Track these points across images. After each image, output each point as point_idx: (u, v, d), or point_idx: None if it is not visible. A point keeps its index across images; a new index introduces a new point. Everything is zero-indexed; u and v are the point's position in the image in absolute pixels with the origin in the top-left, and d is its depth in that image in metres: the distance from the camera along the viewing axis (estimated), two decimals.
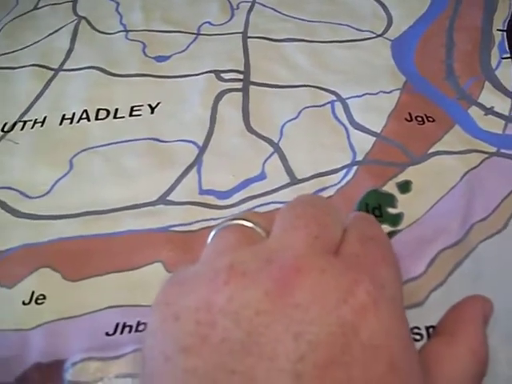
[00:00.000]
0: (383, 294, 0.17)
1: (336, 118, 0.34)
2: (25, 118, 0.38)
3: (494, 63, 0.37)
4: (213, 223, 0.29)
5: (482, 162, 0.31)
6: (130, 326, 0.25)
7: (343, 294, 0.16)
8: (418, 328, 0.24)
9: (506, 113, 0.33)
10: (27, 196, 0.33)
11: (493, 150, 0.31)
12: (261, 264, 0.17)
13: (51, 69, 0.41)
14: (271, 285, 0.17)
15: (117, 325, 0.26)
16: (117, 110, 0.37)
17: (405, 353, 0.17)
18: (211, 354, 0.16)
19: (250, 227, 0.21)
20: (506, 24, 0.41)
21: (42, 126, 0.37)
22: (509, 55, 0.37)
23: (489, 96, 0.35)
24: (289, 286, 0.17)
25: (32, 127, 0.37)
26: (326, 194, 0.30)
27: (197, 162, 0.32)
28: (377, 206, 0.29)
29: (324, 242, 0.19)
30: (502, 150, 0.31)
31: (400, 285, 0.19)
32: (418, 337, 0.23)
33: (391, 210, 0.29)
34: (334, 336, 0.16)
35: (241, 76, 0.38)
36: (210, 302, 0.17)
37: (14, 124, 0.38)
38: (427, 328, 0.24)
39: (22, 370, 0.24)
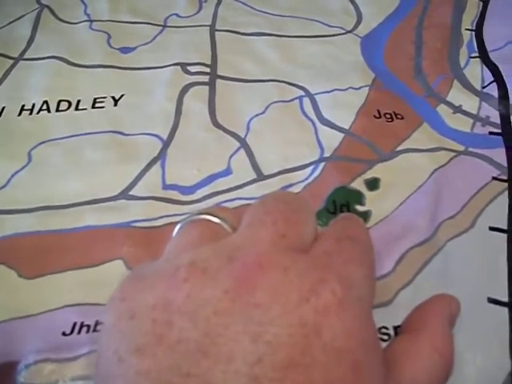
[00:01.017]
0: (350, 294, 0.17)
1: (304, 113, 0.33)
2: None
3: (462, 62, 0.37)
4: (177, 219, 0.28)
5: (450, 160, 0.30)
6: (88, 326, 0.24)
7: (306, 294, 0.16)
8: (386, 328, 0.23)
9: (474, 111, 0.33)
10: None
11: (461, 148, 0.31)
12: (222, 261, 0.17)
13: (11, 57, 0.39)
14: (231, 283, 0.16)
15: (74, 324, 0.25)
16: (79, 101, 0.36)
17: (368, 355, 0.16)
18: (166, 355, 0.15)
19: (217, 223, 0.20)
20: (475, 24, 0.41)
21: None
22: (477, 54, 0.37)
23: (457, 94, 0.35)
24: (250, 285, 0.16)
25: None
26: (293, 190, 0.29)
27: (161, 156, 0.32)
28: (344, 203, 0.28)
29: (291, 240, 0.18)
30: (470, 149, 0.31)
31: (371, 286, 0.19)
32: (385, 337, 0.23)
33: (359, 208, 0.28)
34: (295, 337, 0.15)
35: (207, 69, 0.37)
36: (167, 300, 0.16)
37: None
38: (395, 328, 0.23)
39: None
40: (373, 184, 0.29)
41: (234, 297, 0.16)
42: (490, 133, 0.32)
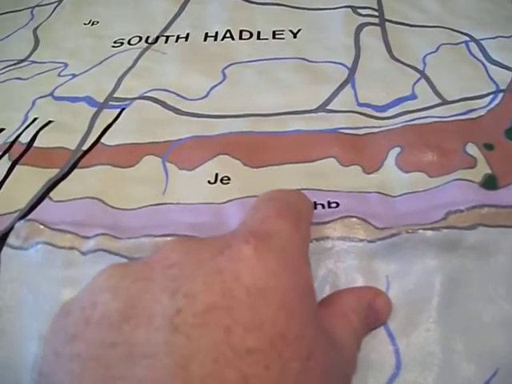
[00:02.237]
0: (269, 243, 0.17)
1: (472, 55, 0.37)
2: (166, 34, 0.40)
3: None
4: (375, 131, 0.32)
5: None
6: (322, 204, 0.28)
7: (219, 248, 0.17)
8: None
9: None
10: (184, 98, 0.35)
11: None
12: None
13: None
14: (150, 258, 0.18)
15: None
16: (259, 32, 0.40)
17: (300, 298, 0.17)
18: (93, 334, 0.16)
19: None
20: None
21: (186, 40, 0.39)
22: None
23: None
24: (166, 253, 0.17)
25: (176, 41, 0.40)
26: (476, 114, 0.32)
27: (349, 80, 0.35)
28: None
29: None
30: None
31: (298, 237, 0.19)
32: None
33: None
34: (212, 284, 0.16)
35: (376, 13, 0.40)
36: (93, 286, 0.17)
37: (157, 38, 0.40)
38: None
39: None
40: None
41: (152, 265, 0.17)
42: None
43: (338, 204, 0.27)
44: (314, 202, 0.27)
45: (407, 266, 0.24)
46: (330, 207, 0.27)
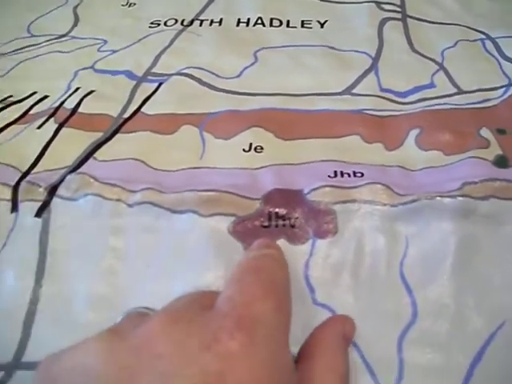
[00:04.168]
0: (254, 334, 0.17)
1: (487, 51, 0.40)
2: (201, 18, 0.43)
3: None
4: (397, 114, 0.34)
5: None
6: (348, 173, 0.30)
7: (207, 341, 0.17)
8: None
9: None
10: (219, 76, 0.38)
11: None
12: (135, 323, 0.19)
13: None
14: (138, 339, 0.17)
15: (335, 172, 0.30)
16: (288, 21, 0.42)
17: None
18: None
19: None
20: None
21: (219, 25, 0.42)
22: None
23: None
24: (154, 339, 0.17)
25: (210, 25, 0.42)
26: (490, 103, 0.35)
27: (373, 67, 0.38)
28: None
29: (204, 302, 0.20)
30: None
31: (283, 316, 0.19)
32: None
33: None
34: None
35: (398, 9, 0.43)
36: (81, 363, 0.17)
37: (192, 21, 0.43)
38: None
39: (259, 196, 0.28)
40: None
41: (139, 351, 0.17)
42: None
43: (362, 174, 0.30)
44: (341, 172, 0.30)
45: (425, 228, 0.27)
46: (355, 176, 0.30)
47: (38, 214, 0.29)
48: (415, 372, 0.24)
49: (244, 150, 0.32)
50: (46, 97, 0.37)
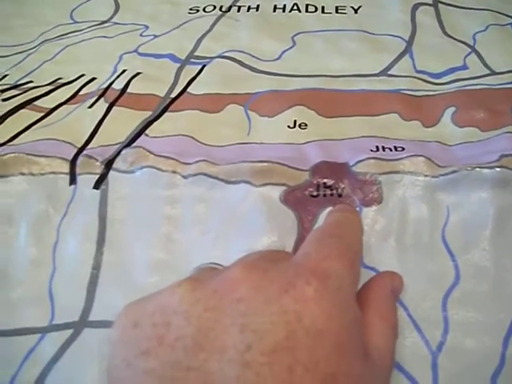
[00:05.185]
0: (327, 283, 0.18)
1: None
2: (238, 4, 0.45)
3: None
4: (432, 93, 0.36)
5: None
6: (390, 148, 0.32)
7: (285, 286, 0.18)
8: None
9: None
10: (259, 59, 0.40)
11: None
12: (213, 272, 0.20)
13: None
14: (219, 284, 0.18)
15: (377, 147, 0.32)
16: (323, 7, 0.44)
17: (350, 337, 0.18)
18: (167, 353, 0.17)
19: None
20: None
21: (256, 10, 0.44)
22: None
23: None
24: (234, 284, 0.18)
25: (248, 11, 0.44)
26: None
27: (407, 50, 0.39)
28: None
29: (275, 256, 0.21)
30: None
31: (353, 277, 0.21)
32: None
33: None
34: (278, 324, 0.17)
35: None
36: (164, 305, 0.18)
37: (230, 7, 0.44)
38: None
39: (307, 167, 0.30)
40: None
41: (220, 295, 0.18)
42: None
43: (403, 148, 0.31)
44: (382, 147, 0.32)
45: (465, 198, 0.28)
46: (396, 151, 0.31)
47: (96, 186, 0.31)
48: (459, 329, 0.26)
49: (289, 126, 0.33)
50: (93, 79, 0.39)
